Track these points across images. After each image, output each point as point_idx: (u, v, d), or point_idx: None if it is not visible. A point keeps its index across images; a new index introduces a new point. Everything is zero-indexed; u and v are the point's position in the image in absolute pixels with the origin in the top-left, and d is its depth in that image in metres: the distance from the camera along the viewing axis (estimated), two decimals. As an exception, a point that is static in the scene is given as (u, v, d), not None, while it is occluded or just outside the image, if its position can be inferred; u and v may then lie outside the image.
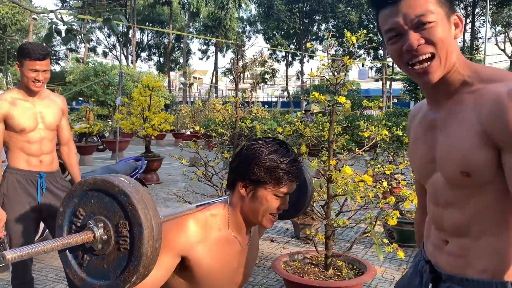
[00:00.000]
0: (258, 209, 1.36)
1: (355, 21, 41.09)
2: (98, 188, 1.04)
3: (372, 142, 3.17)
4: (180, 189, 7.97)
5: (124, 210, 1.00)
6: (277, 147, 1.35)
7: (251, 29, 49.40)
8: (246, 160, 1.35)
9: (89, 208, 1.06)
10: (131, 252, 0.99)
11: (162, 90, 9.12)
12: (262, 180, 1.33)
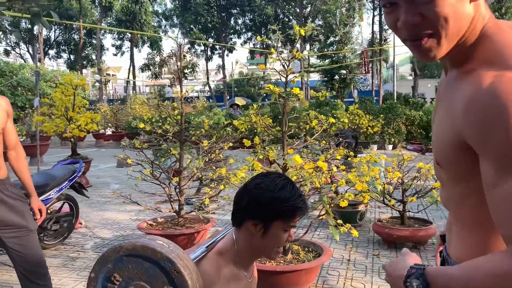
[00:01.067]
0: (268, 245, 1.40)
1: (271, 15, 41.92)
2: (137, 254, 1.03)
3: (321, 130, 3.32)
4: (114, 191, 7.68)
5: (168, 276, 1.01)
6: (284, 185, 1.38)
7: (167, 23, 48.34)
8: (256, 199, 1.37)
9: (126, 273, 1.04)
10: None
11: (87, 88, 8.66)
12: (273, 217, 1.37)
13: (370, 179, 3.84)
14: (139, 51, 49.13)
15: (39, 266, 2.50)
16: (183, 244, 4.01)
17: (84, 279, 3.62)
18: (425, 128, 13.53)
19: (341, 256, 4.05)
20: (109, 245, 4.55)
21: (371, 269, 3.74)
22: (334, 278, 3.55)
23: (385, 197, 4.23)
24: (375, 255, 4.08)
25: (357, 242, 4.47)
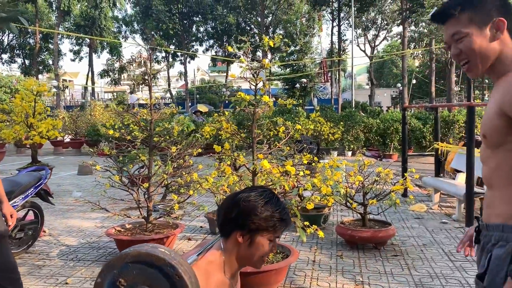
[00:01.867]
0: (254, 254, 1.53)
1: (233, 23, 42.19)
2: (141, 260, 1.13)
3: (288, 136, 3.49)
4: (76, 199, 7.56)
5: (170, 280, 1.12)
6: (270, 198, 1.53)
7: (127, 29, 47.64)
8: (244, 212, 1.50)
9: (131, 278, 1.14)
10: None
11: (48, 94, 8.48)
12: (259, 228, 1.50)
13: (334, 183, 4.05)
14: (98, 56, 48.04)
15: (11, 271, 2.51)
16: (152, 249, 4.06)
17: (52, 286, 3.59)
18: (382, 135, 14.07)
19: (307, 258, 4.22)
20: (75, 252, 4.53)
21: (335, 269, 3.92)
22: (301, 278, 3.71)
23: (347, 200, 4.45)
24: (338, 255, 4.28)
25: (321, 244, 4.66)
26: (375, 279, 3.67)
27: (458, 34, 1.43)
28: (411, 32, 34.59)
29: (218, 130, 3.56)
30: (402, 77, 29.85)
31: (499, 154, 1.38)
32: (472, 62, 1.44)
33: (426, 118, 14.28)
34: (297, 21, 42.19)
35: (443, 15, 1.47)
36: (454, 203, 6.44)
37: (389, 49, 52.93)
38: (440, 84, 41.34)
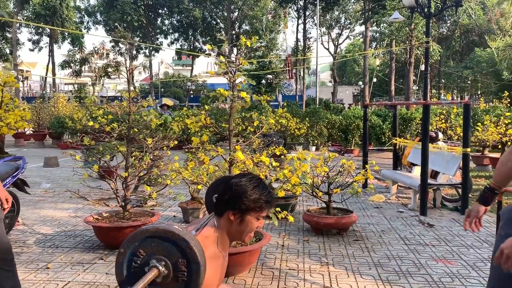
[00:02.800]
0: (244, 230, 1.81)
1: (199, 17, 42.03)
2: (158, 235, 1.37)
3: (261, 130, 3.78)
4: (46, 190, 7.58)
5: (183, 252, 1.35)
6: (258, 183, 1.81)
7: (90, 19, 46.46)
8: (236, 195, 1.77)
9: (149, 249, 1.37)
10: (189, 282, 1.35)
11: (16, 85, 8.39)
12: (248, 208, 1.77)
13: (302, 174, 4.38)
14: (59, 47, 46.50)
15: (6, 252, 2.67)
16: (131, 236, 4.26)
17: (33, 271, 3.74)
18: (344, 131, 14.64)
19: (276, 243, 4.54)
20: (52, 240, 4.65)
21: (303, 252, 4.27)
22: (271, 260, 4.02)
23: (313, 189, 4.80)
24: (305, 240, 4.63)
25: (289, 231, 5.00)
26: (338, 260, 4.03)
27: None
28: (373, 32, 35.69)
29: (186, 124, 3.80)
30: (364, 75, 30.82)
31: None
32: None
33: (385, 115, 14.96)
34: (263, 17, 42.57)
35: None
36: (410, 194, 6.95)
37: (351, 47, 54.27)
38: (399, 83, 42.87)
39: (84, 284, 3.47)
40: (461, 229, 5.08)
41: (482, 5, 35.44)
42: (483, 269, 3.80)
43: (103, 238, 4.37)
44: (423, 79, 12.71)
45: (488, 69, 33.59)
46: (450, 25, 38.09)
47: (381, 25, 25.31)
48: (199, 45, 48.11)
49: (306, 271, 3.77)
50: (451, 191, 6.88)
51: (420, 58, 26.41)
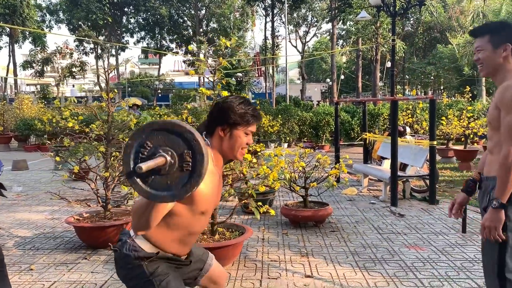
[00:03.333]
0: (234, 145, 1.85)
1: (166, 15, 41.62)
2: (166, 128, 1.43)
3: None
4: (18, 193, 7.45)
5: (188, 144, 1.41)
6: (243, 100, 1.88)
7: (52, 18, 45.20)
8: (223, 110, 1.84)
9: (156, 141, 1.42)
10: (193, 171, 1.41)
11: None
12: (236, 122, 1.83)
13: (280, 169, 4.54)
14: (19, 47, 44.98)
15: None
16: (113, 235, 4.31)
17: (16, 273, 3.73)
18: (315, 127, 14.93)
19: (257, 236, 4.69)
20: (32, 242, 4.63)
21: (283, 244, 4.43)
22: (253, 253, 4.16)
23: (291, 184, 4.97)
24: (284, 233, 4.79)
25: (268, 225, 5.15)
26: (317, 250, 4.22)
27: (479, 47, 2.18)
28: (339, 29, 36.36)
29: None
30: (332, 73, 31.36)
31: (497, 135, 2.10)
32: (483, 67, 2.18)
33: (354, 111, 15.36)
34: (231, 15, 42.59)
35: (474, 34, 2.24)
36: (380, 187, 7.24)
37: (318, 45, 55.01)
38: (365, 80, 43.84)
39: (71, 283, 3.51)
40: (430, 218, 5.37)
41: (443, 3, 36.68)
42: (451, 253, 4.06)
43: (86, 238, 4.39)
44: (390, 76, 13.14)
45: (450, 65, 34.83)
46: (413, 22, 39.27)
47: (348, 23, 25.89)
48: (166, 44, 47.70)
49: (287, 261, 3.93)
50: (419, 182, 7.21)
51: (386, 55, 27.13)
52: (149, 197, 1.44)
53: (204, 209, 1.79)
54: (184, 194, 1.42)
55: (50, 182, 8.58)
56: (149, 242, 1.77)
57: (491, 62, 2.16)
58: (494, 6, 26.62)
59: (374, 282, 3.44)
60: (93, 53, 46.62)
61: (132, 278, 1.77)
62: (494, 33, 2.16)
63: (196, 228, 1.85)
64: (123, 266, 1.78)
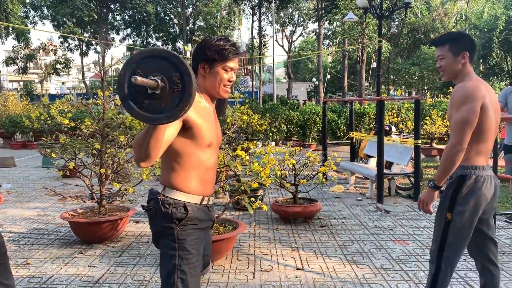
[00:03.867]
0: (215, 81, 1.94)
1: (152, 12, 41.38)
2: (154, 55, 1.55)
3: (234, 127, 4.03)
4: (7, 190, 7.45)
5: (175, 66, 1.53)
6: (221, 37, 1.97)
7: (36, 14, 44.53)
8: (201, 48, 1.94)
9: (146, 69, 1.54)
10: (183, 92, 1.53)
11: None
12: (214, 58, 1.91)
13: (272, 166, 4.67)
14: (2, 43, 44.20)
15: (0, 247, 2.78)
16: (108, 230, 4.40)
17: (13, 267, 3.79)
18: (302, 126, 15.12)
19: (248, 232, 4.82)
20: (26, 238, 4.69)
21: (274, 239, 4.57)
22: (245, 248, 4.30)
23: (281, 181, 5.12)
24: (274, 229, 4.94)
25: (258, 221, 5.29)
26: (307, 245, 4.37)
27: (441, 56, 2.44)
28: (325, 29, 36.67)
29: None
30: (318, 72, 31.63)
31: None
32: (445, 72, 2.47)
33: (340, 111, 15.59)
34: (218, 14, 42.54)
35: (436, 44, 2.49)
36: (367, 184, 7.44)
37: (304, 44, 55.33)
38: (351, 79, 44.28)
39: (68, 277, 3.60)
40: (415, 214, 5.57)
41: (427, 4, 37.28)
42: (435, 247, 4.26)
43: (81, 233, 4.47)
44: (375, 76, 13.39)
45: (434, 66, 35.37)
46: (398, 23, 39.79)
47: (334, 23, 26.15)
48: (152, 41, 47.42)
49: (278, 255, 4.08)
50: (403, 180, 7.43)
51: (371, 55, 27.49)
52: (146, 120, 1.55)
53: (208, 142, 1.88)
54: (178, 113, 1.54)
55: (39, 179, 8.58)
56: (176, 190, 1.86)
57: (452, 68, 2.43)
58: (476, 9, 27.20)
59: (362, 274, 3.60)
60: (78, 50, 46.11)
61: (163, 236, 1.87)
62: (453, 42, 2.42)
63: (210, 162, 1.94)
64: (157, 223, 1.88)
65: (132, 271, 3.70)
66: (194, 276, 1.87)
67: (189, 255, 1.85)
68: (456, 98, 2.33)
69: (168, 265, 1.83)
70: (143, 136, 1.66)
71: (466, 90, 2.31)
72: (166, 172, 1.90)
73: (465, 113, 2.28)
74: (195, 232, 1.88)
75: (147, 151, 1.67)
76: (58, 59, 45.00)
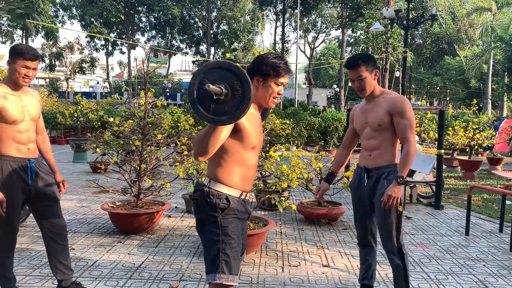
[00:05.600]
0: (266, 93, 2.20)
1: (178, 15, 42.13)
2: (219, 66, 1.83)
3: (267, 130, 4.28)
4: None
5: (236, 76, 1.80)
6: (276, 56, 2.23)
7: (65, 13, 45.81)
8: (258, 63, 2.20)
9: (211, 78, 1.82)
10: (243, 97, 1.80)
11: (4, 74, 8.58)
12: (268, 73, 2.17)
13: (300, 170, 4.92)
14: (32, 40, 45.53)
15: (62, 229, 3.09)
16: (145, 222, 4.70)
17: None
18: (323, 132, 15.31)
19: (275, 231, 5.06)
20: (68, 226, 5.00)
21: (299, 238, 4.81)
22: (273, 245, 4.54)
23: (307, 183, 5.35)
24: (300, 228, 5.17)
25: (284, 221, 5.53)
26: (332, 245, 4.59)
27: (360, 76, 2.79)
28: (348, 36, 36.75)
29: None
30: (340, 79, 31.73)
31: (385, 133, 2.82)
32: (365, 90, 2.84)
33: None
34: (242, 18, 43.06)
35: (350, 66, 2.81)
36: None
37: (326, 51, 55.40)
38: (372, 87, 44.08)
39: (111, 262, 3.90)
40: (435, 221, 5.74)
41: (452, 15, 37.07)
42: (455, 252, 4.43)
43: (120, 224, 4.78)
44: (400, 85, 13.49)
45: (457, 77, 35.18)
46: (421, 33, 39.64)
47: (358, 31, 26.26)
48: (176, 43, 48.23)
49: (305, 253, 4.31)
50: (425, 189, 7.57)
51: (394, 64, 27.51)
52: (211, 121, 1.83)
53: (253, 144, 2.14)
54: (239, 115, 1.81)
55: (71, 173, 9.00)
56: (220, 183, 2.11)
57: (370, 85, 2.81)
58: (503, 21, 26.97)
59: (385, 273, 3.81)
60: (103, 49, 47.20)
61: (207, 224, 2.11)
62: (367, 63, 2.79)
63: (252, 162, 2.19)
64: (203, 211, 2.13)
65: (169, 260, 3.98)
66: (236, 259, 2.12)
67: (231, 240, 2.10)
68: (400, 108, 2.73)
69: (214, 249, 2.08)
70: (203, 134, 1.93)
71: (407, 100, 2.80)
72: (213, 166, 2.16)
73: (413, 119, 2.74)
74: (235, 220, 2.13)
75: (206, 147, 1.94)
76: (85, 58, 46.15)
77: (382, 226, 2.87)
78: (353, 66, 2.80)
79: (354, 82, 2.84)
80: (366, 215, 3.05)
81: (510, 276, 3.79)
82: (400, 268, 2.86)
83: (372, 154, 2.89)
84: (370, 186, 2.91)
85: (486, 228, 5.43)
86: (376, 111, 2.83)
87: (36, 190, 2.95)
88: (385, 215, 2.81)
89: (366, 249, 3.14)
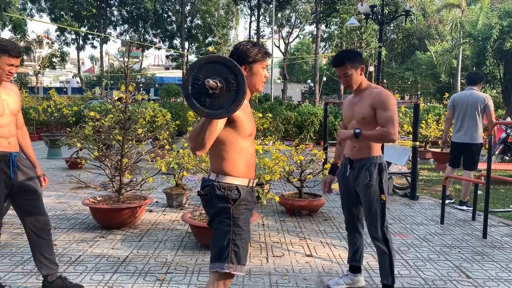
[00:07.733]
0: (256, 79, 2.29)
1: (151, 9, 41.54)
2: (212, 60, 1.85)
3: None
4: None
5: (230, 69, 1.84)
6: (254, 43, 2.32)
7: (33, 6, 44.46)
8: (243, 52, 2.24)
9: (205, 73, 1.84)
10: (238, 90, 1.84)
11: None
12: (253, 59, 2.24)
13: (282, 163, 5.00)
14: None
15: (46, 223, 3.06)
16: (128, 216, 4.68)
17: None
18: (299, 127, 15.46)
19: (257, 223, 5.13)
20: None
21: (281, 229, 4.89)
22: (256, 236, 4.61)
23: (289, 176, 5.43)
24: (281, 220, 5.26)
25: (265, 213, 5.60)
26: (313, 235, 4.69)
27: (347, 74, 2.93)
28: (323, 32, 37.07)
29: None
30: (314, 74, 32.03)
31: (368, 127, 2.92)
32: (351, 85, 2.99)
33: (336, 112, 15.96)
34: (216, 13, 42.81)
35: (337, 64, 2.95)
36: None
37: (300, 46, 55.77)
38: (346, 82, 44.65)
39: (95, 257, 3.88)
40: (412, 211, 5.93)
41: (422, 11, 37.88)
42: (432, 240, 4.60)
43: (102, 219, 4.74)
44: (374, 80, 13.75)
45: (428, 72, 36.03)
46: (393, 28, 40.36)
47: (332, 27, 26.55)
48: (149, 38, 47.56)
49: (288, 243, 4.39)
50: (400, 180, 7.78)
51: (367, 59, 27.97)
52: (208, 115, 1.86)
53: (249, 132, 2.20)
54: (235, 108, 1.85)
55: (46, 170, 8.81)
56: (228, 175, 2.16)
57: (356, 80, 2.95)
58: (471, 17, 27.75)
59: (367, 262, 3.93)
60: (74, 44, 46.11)
61: (219, 215, 2.15)
62: (353, 60, 2.91)
63: (252, 149, 2.26)
64: (214, 205, 2.17)
65: (154, 254, 3.99)
66: (244, 250, 2.17)
67: (242, 231, 2.15)
68: (382, 101, 2.85)
69: (224, 239, 2.13)
70: (199, 129, 1.96)
71: (391, 95, 2.92)
72: (216, 161, 2.19)
73: (395, 113, 2.85)
74: (246, 212, 2.20)
75: (203, 141, 1.97)
76: (54, 52, 44.97)
77: (367, 215, 3.06)
78: (339, 64, 2.95)
79: (341, 78, 3.00)
80: (352, 203, 3.25)
81: (483, 261, 3.97)
82: (386, 254, 3.05)
83: (356, 146, 3.03)
84: (353, 176, 3.07)
85: (459, 217, 5.65)
86: (361, 104, 2.97)
87: (18, 184, 2.91)
88: (370, 204, 2.99)
89: (354, 233, 3.40)
